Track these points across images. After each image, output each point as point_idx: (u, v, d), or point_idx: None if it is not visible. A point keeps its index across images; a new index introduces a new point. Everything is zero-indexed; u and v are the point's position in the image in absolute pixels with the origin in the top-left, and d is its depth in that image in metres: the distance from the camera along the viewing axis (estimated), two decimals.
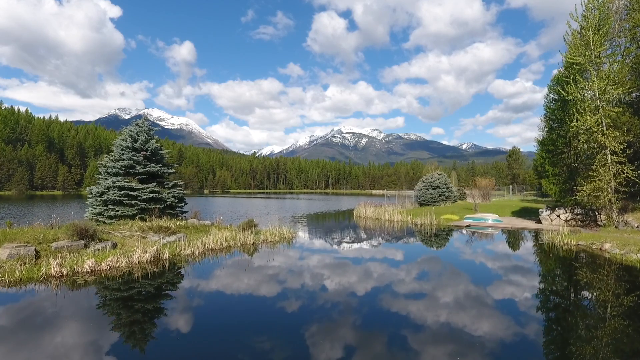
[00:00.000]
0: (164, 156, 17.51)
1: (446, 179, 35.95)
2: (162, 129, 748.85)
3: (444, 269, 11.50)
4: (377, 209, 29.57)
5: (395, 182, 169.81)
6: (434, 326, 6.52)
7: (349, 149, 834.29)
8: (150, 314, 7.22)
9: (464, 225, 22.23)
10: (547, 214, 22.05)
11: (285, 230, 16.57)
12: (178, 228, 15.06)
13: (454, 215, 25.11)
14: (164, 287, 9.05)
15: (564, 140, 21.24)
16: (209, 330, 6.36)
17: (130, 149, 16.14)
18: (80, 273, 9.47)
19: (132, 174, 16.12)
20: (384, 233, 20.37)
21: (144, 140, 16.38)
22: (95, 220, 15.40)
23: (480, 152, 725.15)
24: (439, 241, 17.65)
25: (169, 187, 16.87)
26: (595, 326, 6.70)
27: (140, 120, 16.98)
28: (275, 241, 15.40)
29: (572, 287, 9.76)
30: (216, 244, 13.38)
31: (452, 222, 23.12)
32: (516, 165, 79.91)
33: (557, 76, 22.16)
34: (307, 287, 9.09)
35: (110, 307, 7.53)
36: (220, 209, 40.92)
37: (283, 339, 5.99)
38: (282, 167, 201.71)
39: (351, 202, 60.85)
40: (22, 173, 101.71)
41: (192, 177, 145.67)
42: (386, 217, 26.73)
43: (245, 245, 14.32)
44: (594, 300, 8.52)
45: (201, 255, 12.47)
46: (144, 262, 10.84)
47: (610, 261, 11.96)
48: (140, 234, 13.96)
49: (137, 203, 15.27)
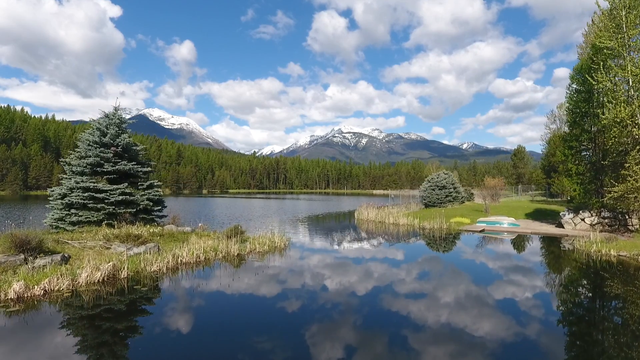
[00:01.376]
0: (138, 153, 15.34)
1: (453, 179, 33.80)
2: (163, 128, 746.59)
3: (471, 293, 9.35)
4: (380, 211, 27.41)
5: (396, 182, 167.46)
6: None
7: (349, 149, 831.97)
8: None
9: (478, 230, 20.05)
10: (570, 217, 19.87)
11: (277, 238, 14.40)
12: (151, 236, 12.91)
13: (464, 218, 22.94)
14: (107, 322, 6.90)
15: (588, 135, 19.07)
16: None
17: (98, 145, 13.99)
18: (3, 301, 7.32)
19: (100, 173, 13.97)
20: (391, 240, 18.20)
21: (114, 135, 14.21)
22: (55, 227, 13.26)
23: (481, 151, 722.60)
24: (454, 251, 15.47)
25: (144, 188, 14.69)
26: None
27: (111, 112, 14.81)
28: (264, 251, 13.23)
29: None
30: (192, 257, 11.22)
31: (464, 227, 20.94)
32: (521, 164, 77.54)
33: (580, 65, 19.99)
34: (298, 325, 6.94)
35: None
36: (213, 211, 38.77)
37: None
38: (282, 166, 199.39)
39: (352, 202, 58.65)
40: (16, 173, 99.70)
41: (191, 177, 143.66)
42: (390, 221, 24.55)
43: (228, 256, 12.16)
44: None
45: (172, 270, 10.32)
46: (95, 283, 8.69)
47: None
48: (104, 244, 11.81)
49: (104, 207, 13.12)
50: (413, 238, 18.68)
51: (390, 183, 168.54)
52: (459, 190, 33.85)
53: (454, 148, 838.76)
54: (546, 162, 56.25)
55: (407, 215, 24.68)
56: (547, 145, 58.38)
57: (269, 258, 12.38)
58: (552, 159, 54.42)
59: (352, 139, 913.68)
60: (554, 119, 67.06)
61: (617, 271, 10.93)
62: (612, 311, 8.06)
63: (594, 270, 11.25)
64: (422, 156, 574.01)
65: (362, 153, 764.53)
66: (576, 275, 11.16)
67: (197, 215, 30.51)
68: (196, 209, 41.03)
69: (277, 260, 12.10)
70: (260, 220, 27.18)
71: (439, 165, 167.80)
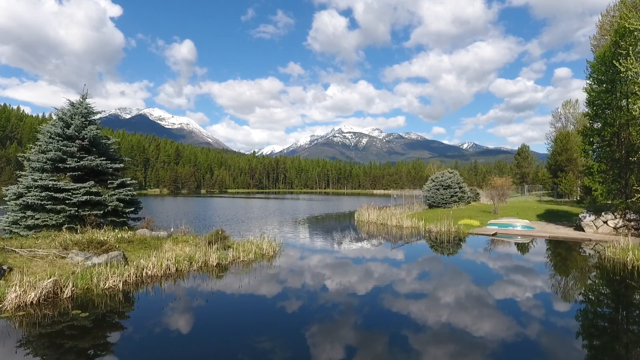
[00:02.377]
0: (109, 147, 13.53)
1: (458, 178, 31.99)
2: (163, 128, 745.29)
3: (495, 311, 7.57)
4: (382, 212, 25.61)
5: (396, 182, 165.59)
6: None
7: (349, 149, 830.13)
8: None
9: (490, 233, 18.24)
10: (591, 219, 18.08)
11: (266, 244, 12.61)
12: (118, 242, 11.13)
13: (473, 220, 21.14)
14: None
15: (612, 129, 17.28)
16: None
17: (60, 137, 12.21)
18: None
19: (63, 169, 12.19)
20: (394, 244, 16.41)
21: (80, 126, 12.42)
22: (9, 231, 11.48)
23: (482, 151, 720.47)
24: (468, 259, 13.68)
25: (114, 187, 12.90)
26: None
27: (77, 100, 13.02)
28: (250, 260, 11.44)
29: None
30: (160, 269, 9.43)
31: (474, 230, 19.14)
32: (525, 163, 75.70)
33: (602, 52, 18.18)
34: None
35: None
36: (206, 211, 36.99)
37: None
38: (282, 166, 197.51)
39: (352, 202, 56.85)
40: (11, 172, 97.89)
41: (189, 177, 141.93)
42: (393, 222, 22.73)
43: (206, 267, 10.38)
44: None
45: (134, 286, 8.55)
46: (27, 306, 6.92)
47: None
48: (59, 253, 10.03)
49: (65, 208, 11.34)
50: (419, 242, 16.88)
51: (390, 183, 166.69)
52: (465, 190, 32.06)
53: (454, 148, 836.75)
54: (552, 161, 54.39)
55: (411, 217, 22.88)
56: (553, 143, 56.59)
57: (253, 269, 10.60)
58: (559, 157, 52.64)
59: (353, 138, 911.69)
60: (559, 117, 65.33)
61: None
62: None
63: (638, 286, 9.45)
64: (423, 156, 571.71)
65: (363, 153, 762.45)
66: (621, 291, 9.36)
67: (187, 216, 28.76)
68: (188, 209, 39.27)
69: (262, 272, 10.33)
70: (254, 222, 25.42)
71: (440, 165, 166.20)
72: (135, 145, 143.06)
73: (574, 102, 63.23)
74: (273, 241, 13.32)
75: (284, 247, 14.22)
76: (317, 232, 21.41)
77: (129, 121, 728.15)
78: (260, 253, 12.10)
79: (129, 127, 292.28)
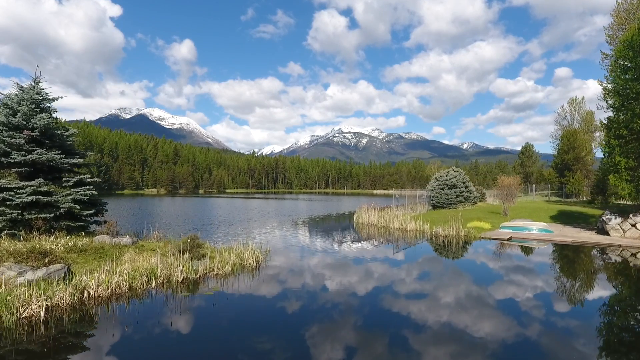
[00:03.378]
0: (66, 139, 11.61)
1: (464, 177, 30.13)
2: (163, 128, 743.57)
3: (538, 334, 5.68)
4: (383, 213, 23.73)
5: (397, 182, 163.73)
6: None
7: (349, 149, 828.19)
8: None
9: (504, 237, 16.34)
10: (617, 222, 16.21)
11: (249, 253, 10.73)
12: (67, 252, 9.25)
13: (483, 222, 19.26)
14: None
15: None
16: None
17: (5, 126, 10.32)
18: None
19: (7, 164, 10.31)
20: (398, 251, 14.53)
21: (28, 114, 10.54)
22: None
23: (482, 151, 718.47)
24: (485, 269, 11.78)
25: (70, 185, 11.01)
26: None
27: (29, 84, 11.13)
28: (225, 274, 9.55)
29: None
30: (108, 287, 7.55)
31: (485, 233, 17.26)
32: (529, 162, 73.85)
33: (629, 36, 16.32)
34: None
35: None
36: (196, 212, 35.11)
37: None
38: (281, 166, 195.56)
39: (352, 203, 54.96)
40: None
41: (187, 177, 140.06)
42: (395, 225, 20.81)
43: (169, 283, 8.50)
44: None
45: (69, 311, 6.67)
46: None
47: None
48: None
49: (6, 211, 9.46)
50: (422, 247, 15.01)
51: (391, 183, 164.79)
52: (471, 189, 30.17)
53: (454, 148, 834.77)
54: (559, 160, 52.50)
55: (415, 219, 21.00)
56: (559, 142, 54.67)
57: (228, 285, 8.72)
58: (566, 156, 50.76)
59: (353, 138, 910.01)
60: (565, 115, 63.52)
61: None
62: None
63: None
64: (423, 156, 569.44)
65: (363, 153, 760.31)
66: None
67: (173, 218, 26.89)
68: (178, 210, 37.42)
69: (240, 288, 8.45)
70: (246, 224, 23.55)
71: (441, 164, 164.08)
72: (133, 144, 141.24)
73: (579, 99, 61.54)
74: (258, 249, 11.44)
75: (272, 255, 12.34)
76: (312, 235, 19.52)
77: (129, 121, 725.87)
78: (240, 264, 10.22)
79: (129, 127, 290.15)
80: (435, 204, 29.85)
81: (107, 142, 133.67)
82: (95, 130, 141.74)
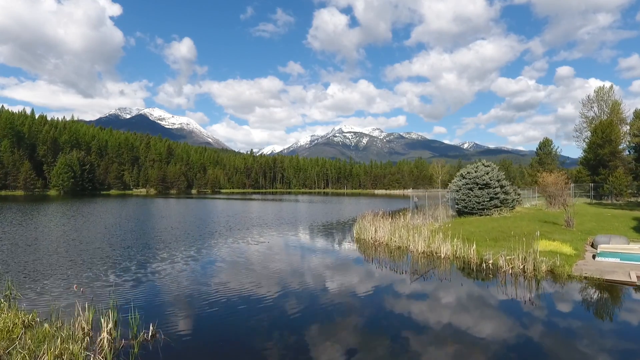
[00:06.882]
0: None
1: (498, 174, 23.48)
2: (163, 128, 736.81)
3: None
4: (394, 225, 16.94)
5: (399, 181, 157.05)
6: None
7: (350, 149, 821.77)
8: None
9: (630, 280, 9.56)
10: None
11: None
12: None
13: (557, 242, 12.62)
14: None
15: None
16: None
17: None
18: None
19: None
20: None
21: None
22: None
23: (482, 151, 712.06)
24: None
25: None
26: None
27: None
28: None
29: None
30: None
31: (578, 265, 10.55)
32: (549, 159, 67.09)
33: None
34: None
35: None
36: (148, 221, 28.54)
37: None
38: (279, 165, 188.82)
39: (353, 205, 48.39)
40: None
41: (178, 176, 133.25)
42: (419, 247, 13.79)
43: None
44: None
45: None
46: None
47: None
48: None
49: None
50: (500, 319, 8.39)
51: (392, 182, 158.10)
52: (507, 190, 23.52)
53: (455, 148, 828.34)
54: (591, 155, 45.68)
55: (444, 233, 14.27)
56: (590, 135, 48.00)
57: None
58: (600, 151, 43.93)
59: (353, 138, 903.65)
60: (592, 105, 56.93)
61: None
62: None
63: None
64: (424, 156, 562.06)
65: (363, 153, 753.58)
66: None
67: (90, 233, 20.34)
68: (129, 216, 30.83)
69: None
70: (192, 243, 16.95)
71: (445, 164, 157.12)
72: (123, 142, 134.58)
73: (607, 87, 55.02)
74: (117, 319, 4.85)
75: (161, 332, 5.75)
76: (277, 276, 12.91)
77: (129, 121, 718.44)
78: None
79: (129, 127, 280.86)
80: (462, 208, 23.28)
81: (96, 140, 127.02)
82: (84, 128, 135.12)
